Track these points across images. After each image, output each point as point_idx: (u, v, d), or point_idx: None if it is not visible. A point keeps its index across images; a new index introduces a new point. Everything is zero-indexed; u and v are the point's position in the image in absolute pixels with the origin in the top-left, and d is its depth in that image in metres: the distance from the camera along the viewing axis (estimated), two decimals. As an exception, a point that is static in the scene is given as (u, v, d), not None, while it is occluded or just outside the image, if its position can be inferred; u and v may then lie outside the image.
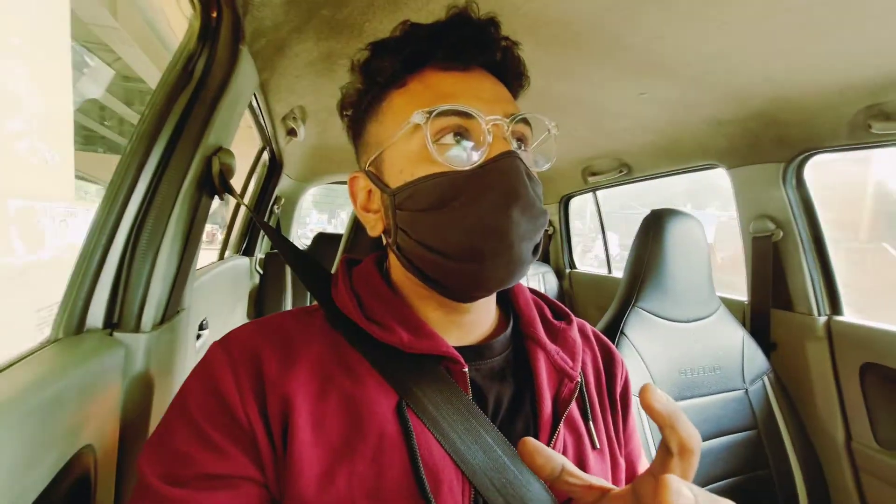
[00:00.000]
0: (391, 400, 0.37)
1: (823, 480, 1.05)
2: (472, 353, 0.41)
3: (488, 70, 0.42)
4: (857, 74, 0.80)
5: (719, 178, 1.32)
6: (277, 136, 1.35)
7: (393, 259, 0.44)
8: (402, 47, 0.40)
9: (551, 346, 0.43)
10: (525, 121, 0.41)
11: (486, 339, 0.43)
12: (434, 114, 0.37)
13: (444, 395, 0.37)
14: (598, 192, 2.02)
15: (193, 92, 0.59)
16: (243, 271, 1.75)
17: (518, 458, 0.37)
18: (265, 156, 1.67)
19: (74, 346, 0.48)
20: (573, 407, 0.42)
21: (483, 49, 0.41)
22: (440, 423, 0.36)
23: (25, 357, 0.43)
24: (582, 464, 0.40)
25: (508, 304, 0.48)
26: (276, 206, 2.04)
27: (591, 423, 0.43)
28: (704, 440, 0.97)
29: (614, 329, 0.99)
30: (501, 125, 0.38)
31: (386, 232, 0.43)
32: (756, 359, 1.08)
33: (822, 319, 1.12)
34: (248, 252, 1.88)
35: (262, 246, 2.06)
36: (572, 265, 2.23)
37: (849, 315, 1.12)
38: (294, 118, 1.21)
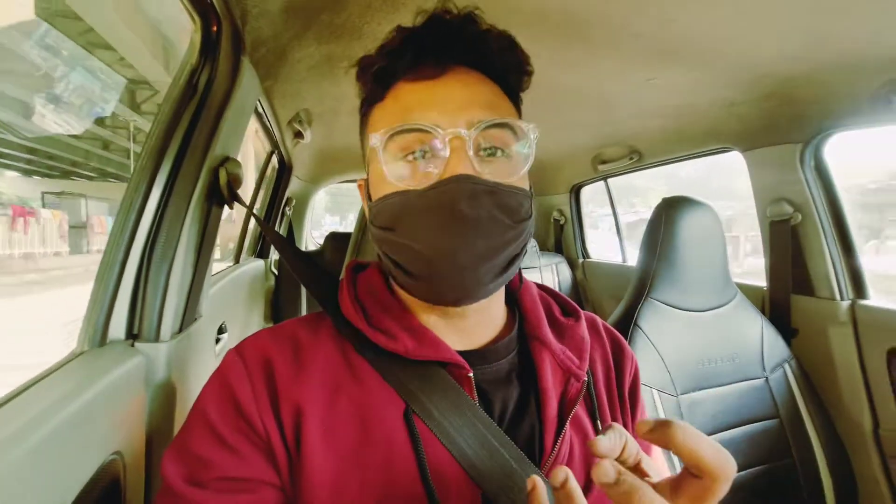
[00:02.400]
0: (398, 407, 0.38)
1: (849, 468, 1.02)
2: (477, 357, 0.41)
3: (477, 67, 0.40)
4: (876, 47, 0.76)
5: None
6: (285, 139, 1.37)
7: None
8: (373, 64, 0.41)
9: (557, 346, 0.43)
10: (504, 123, 0.39)
11: (492, 342, 0.43)
12: (388, 136, 0.37)
13: (449, 400, 0.38)
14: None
15: (198, 105, 0.60)
16: (259, 273, 1.79)
17: (525, 460, 0.37)
18: (274, 159, 1.69)
19: (99, 358, 0.50)
20: (580, 406, 0.42)
21: (454, 50, 0.39)
22: (447, 428, 0.37)
23: (55, 370, 0.46)
24: (589, 464, 0.40)
25: (515, 302, 0.47)
26: (287, 208, 2.07)
27: (598, 421, 0.43)
28: (724, 430, 0.95)
29: (628, 321, 0.98)
30: (463, 137, 0.36)
31: None
32: (776, 346, 1.06)
33: (846, 304, 1.08)
34: (263, 254, 1.91)
35: None
36: (585, 255, 2.21)
37: (874, 299, 1.08)
38: (300, 121, 1.22)
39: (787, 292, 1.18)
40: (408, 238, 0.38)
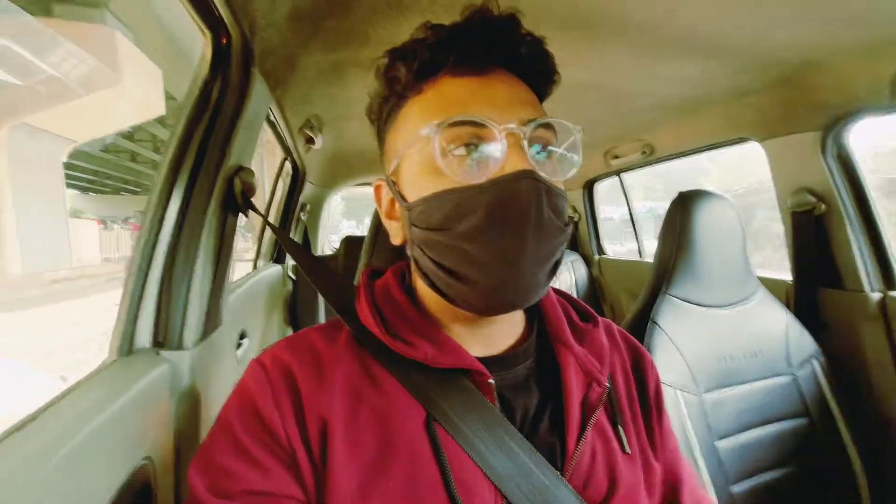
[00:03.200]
0: (420, 415, 0.37)
1: (886, 468, 0.98)
2: (498, 363, 0.41)
3: (511, 70, 0.39)
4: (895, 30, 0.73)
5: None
6: (297, 145, 1.39)
7: (415, 270, 0.43)
8: (415, 54, 0.39)
9: (579, 349, 0.42)
10: (548, 124, 0.38)
11: (512, 347, 0.43)
12: (442, 126, 0.35)
13: (471, 407, 0.37)
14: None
15: (211, 117, 0.61)
16: (277, 279, 1.82)
17: (546, 464, 0.37)
18: (287, 166, 1.72)
19: (127, 367, 0.52)
20: (601, 411, 0.41)
21: (499, 50, 0.38)
22: (469, 436, 0.36)
23: (88, 379, 0.48)
24: (612, 469, 0.40)
25: (534, 307, 0.47)
26: (302, 213, 2.10)
27: (620, 427, 0.42)
28: (750, 429, 0.92)
29: (644, 319, 0.96)
30: (518, 134, 0.35)
31: (406, 243, 0.43)
32: (803, 341, 1.02)
33: (876, 296, 1.04)
34: (280, 259, 1.94)
35: None
36: (601, 251, 2.18)
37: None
38: (311, 127, 1.24)
39: (814, 285, 1.13)
40: (464, 240, 0.35)
